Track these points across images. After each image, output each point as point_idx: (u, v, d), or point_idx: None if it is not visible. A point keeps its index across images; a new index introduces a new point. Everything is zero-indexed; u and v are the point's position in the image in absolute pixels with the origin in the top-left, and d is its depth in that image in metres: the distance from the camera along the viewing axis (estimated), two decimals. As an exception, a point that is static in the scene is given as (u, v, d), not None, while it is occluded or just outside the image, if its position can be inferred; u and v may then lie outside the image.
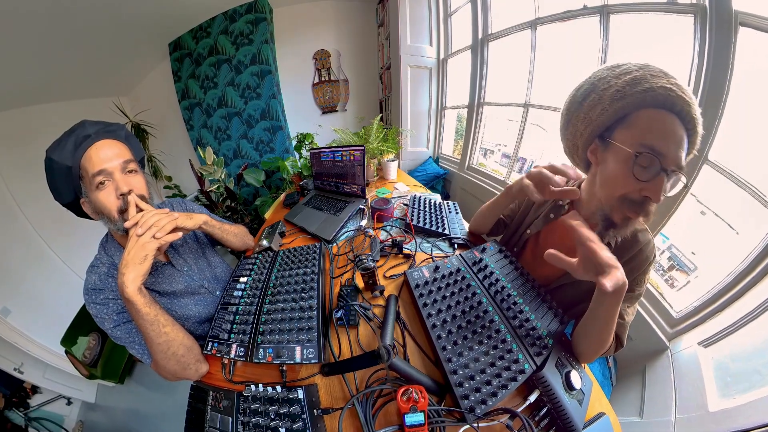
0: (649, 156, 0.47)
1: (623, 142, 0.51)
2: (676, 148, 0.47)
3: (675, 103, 0.47)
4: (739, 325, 0.89)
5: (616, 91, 0.50)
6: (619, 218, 0.54)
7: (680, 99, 0.47)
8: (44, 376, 1.81)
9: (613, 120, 0.52)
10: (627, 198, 0.51)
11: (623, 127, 0.51)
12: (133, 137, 0.72)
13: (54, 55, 2.00)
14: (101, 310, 0.61)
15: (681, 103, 0.47)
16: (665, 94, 0.47)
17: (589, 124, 0.56)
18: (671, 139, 0.47)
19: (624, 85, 0.50)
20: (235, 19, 2.69)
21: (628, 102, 0.49)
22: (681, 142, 0.48)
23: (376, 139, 1.71)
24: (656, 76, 0.48)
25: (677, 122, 0.48)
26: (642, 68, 0.50)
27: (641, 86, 0.48)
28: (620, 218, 0.53)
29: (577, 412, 0.48)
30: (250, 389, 0.54)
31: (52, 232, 2.14)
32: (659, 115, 0.48)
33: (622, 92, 0.50)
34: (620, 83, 0.50)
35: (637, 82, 0.49)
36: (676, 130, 0.47)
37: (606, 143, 0.54)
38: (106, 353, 1.95)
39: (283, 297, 0.71)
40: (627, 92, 0.49)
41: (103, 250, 0.68)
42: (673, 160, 0.47)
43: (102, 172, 0.59)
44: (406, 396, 0.45)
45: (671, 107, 0.47)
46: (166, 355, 0.58)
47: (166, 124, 3.16)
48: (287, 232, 1.14)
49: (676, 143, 0.47)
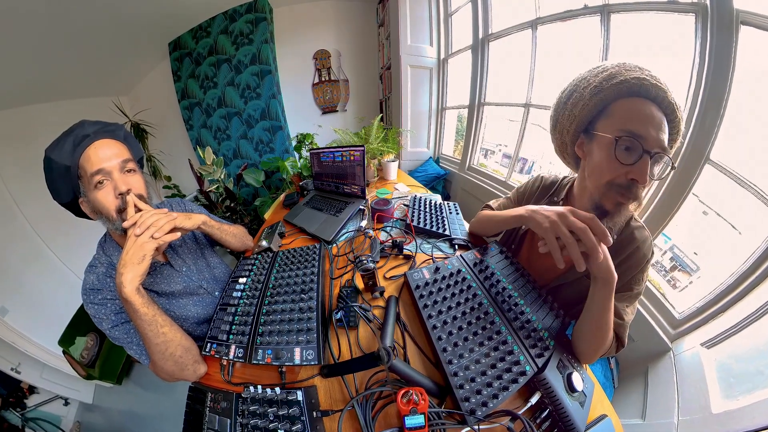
0: (629, 139, 0.50)
1: (605, 130, 0.54)
2: (656, 130, 0.50)
3: (649, 90, 0.51)
4: (742, 325, 0.89)
5: (594, 87, 0.55)
6: (610, 205, 0.56)
7: (654, 86, 0.50)
8: (41, 377, 1.81)
9: (594, 113, 0.57)
10: (614, 183, 0.54)
11: (604, 117, 0.56)
12: (131, 137, 0.72)
13: (54, 54, 2.00)
14: (99, 310, 0.61)
15: (655, 90, 0.50)
16: (638, 84, 0.51)
17: (574, 120, 0.60)
18: (649, 122, 0.50)
19: (601, 81, 0.55)
20: (235, 19, 2.69)
21: (605, 95, 0.54)
22: (660, 125, 0.50)
23: (376, 140, 1.71)
24: (630, 70, 0.53)
25: (654, 107, 0.51)
26: (618, 65, 0.55)
27: (616, 79, 0.53)
28: (611, 205, 0.55)
29: (578, 414, 0.48)
30: (249, 391, 0.54)
31: (50, 231, 2.14)
32: (635, 102, 0.52)
33: (600, 87, 0.54)
34: (598, 79, 0.55)
35: (613, 76, 0.53)
36: (654, 113, 0.50)
37: (590, 135, 0.58)
38: (104, 354, 1.95)
39: (282, 298, 0.71)
40: (604, 86, 0.54)
41: (101, 250, 0.68)
42: (655, 142, 0.50)
43: (100, 171, 0.60)
44: (407, 398, 0.45)
45: (646, 94, 0.51)
46: (164, 355, 0.58)
47: (166, 123, 3.16)
48: (287, 233, 1.14)
49: (654, 126, 0.50)
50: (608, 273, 0.48)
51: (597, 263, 0.46)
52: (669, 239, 1.22)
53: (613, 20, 1.31)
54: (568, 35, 1.57)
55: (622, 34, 1.29)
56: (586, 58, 1.43)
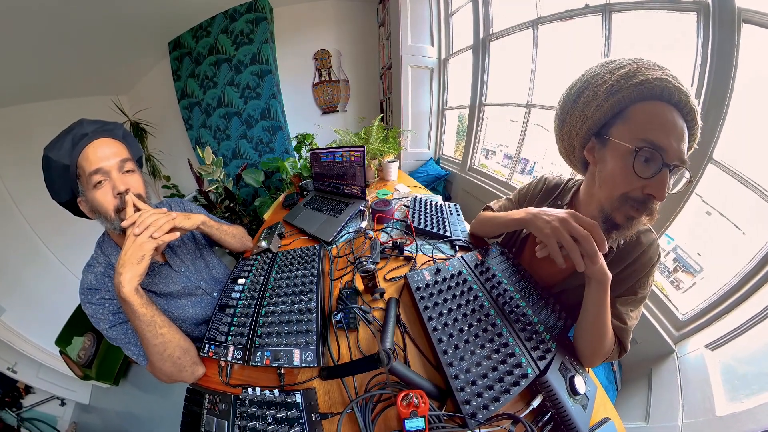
0: (650, 151, 0.45)
1: (621, 137, 0.49)
2: (678, 141, 0.45)
3: (672, 93, 0.46)
4: (747, 327, 0.88)
5: (611, 86, 0.49)
6: (621, 219, 0.51)
7: (677, 90, 0.45)
8: (38, 376, 1.80)
9: (609, 116, 0.51)
10: (629, 197, 0.49)
11: (620, 122, 0.50)
12: (130, 136, 0.72)
13: (53, 52, 2.00)
14: (97, 310, 0.60)
15: (678, 93, 0.46)
16: (662, 86, 0.46)
17: (585, 122, 0.54)
18: (672, 132, 0.45)
19: (618, 79, 0.49)
20: (236, 19, 2.70)
21: (623, 95, 0.48)
22: (682, 135, 0.46)
23: (376, 140, 1.71)
24: (650, 69, 0.47)
25: (676, 114, 0.46)
26: (636, 62, 0.49)
27: (636, 79, 0.47)
28: (623, 219, 0.51)
29: (581, 418, 0.47)
30: (247, 393, 0.54)
31: (48, 230, 2.13)
32: (657, 108, 0.46)
33: (617, 86, 0.49)
34: (614, 77, 0.49)
35: (632, 75, 0.48)
36: (677, 122, 0.46)
37: (604, 140, 0.52)
38: (101, 354, 1.94)
39: (281, 299, 0.70)
40: (622, 86, 0.48)
41: (99, 250, 0.68)
42: (676, 154, 0.45)
43: (99, 170, 0.59)
44: (407, 401, 0.45)
45: (669, 98, 0.46)
46: (162, 356, 0.58)
47: (165, 123, 3.17)
48: (286, 234, 1.13)
49: (677, 136, 0.45)
50: (602, 274, 0.48)
51: (591, 266, 0.46)
52: (672, 240, 1.22)
53: (614, 19, 1.31)
54: (570, 35, 1.57)
55: (624, 34, 1.29)
56: (588, 57, 1.43)
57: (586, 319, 0.54)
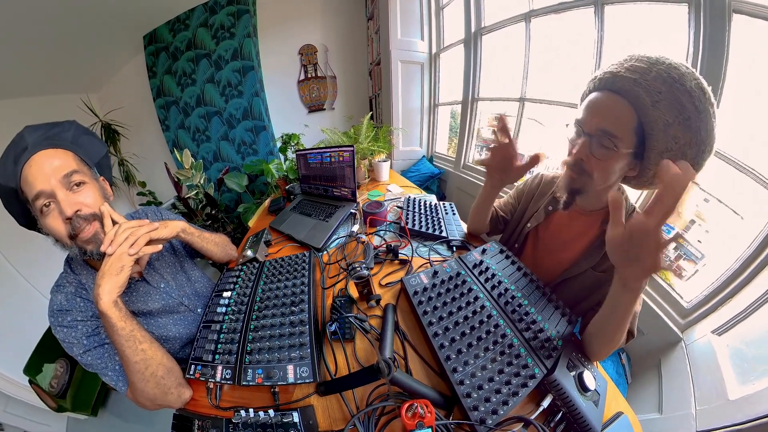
0: (576, 123, 0.60)
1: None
2: (601, 118, 0.56)
3: (615, 82, 0.54)
4: (752, 309, 0.92)
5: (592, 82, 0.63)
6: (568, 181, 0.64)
7: (622, 78, 0.53)
8: (5, 410, 1.71)
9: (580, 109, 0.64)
10: (567, 163, 0.63)
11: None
12: (85, 136, 0.65)
13: (15, 46, 1.90)
14: (69, 334, 0.58)
15: (621, 81, 0.53)
16: (605, 78, 0.56)
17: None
18: (595, 110, 0.57)
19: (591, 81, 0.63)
20: (216, 11, 2.66)
21: (585, 92, 0.63)
22: (607, 113, 0.55)
23: (366, 139, 1.71)
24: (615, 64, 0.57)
25: (616, 98, 0.54)
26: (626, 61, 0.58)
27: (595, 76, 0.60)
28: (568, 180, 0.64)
29: (593, 414, 0.48)
30: (240, 415, 0.52)
31: (10, 243, 2.02)
32: (596, 96, 0.58)
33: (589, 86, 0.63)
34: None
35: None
36: (608, 103, 0.55)
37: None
38: (76, 382, 1.86)
39: (271, 312, 0.69)
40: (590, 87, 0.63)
41: (69, 268, 0.65)
42: (591, 125, 0.57)
43: (41, 194, 0.54)
44: (411, 412, 0.45)
45: (611, 86, 0.56)
46: (144, 376, 0.56)
47: (140, 124, 3.09)
48: (273, 241, 1.12)
49: (600, 113, 0.56)
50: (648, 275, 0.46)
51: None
52: (672, 229, 1.26)
53: (606, 11, 1.35)
54: (563, 28, 1.61)
55: (616, 26, 1.33)
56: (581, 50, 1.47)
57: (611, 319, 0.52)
